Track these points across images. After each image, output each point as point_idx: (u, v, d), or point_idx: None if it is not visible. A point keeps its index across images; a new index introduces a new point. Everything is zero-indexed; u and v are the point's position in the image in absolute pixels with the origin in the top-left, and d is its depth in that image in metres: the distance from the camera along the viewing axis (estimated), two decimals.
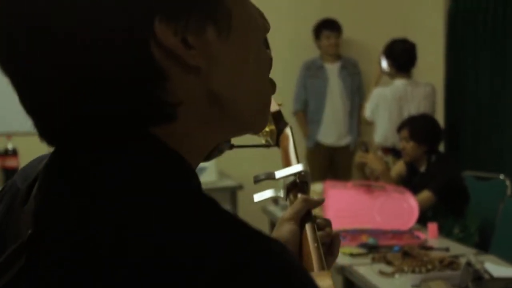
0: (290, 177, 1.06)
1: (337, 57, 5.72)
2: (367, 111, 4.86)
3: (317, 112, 5.67)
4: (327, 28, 5.61)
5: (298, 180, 1.07)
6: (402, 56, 4.67)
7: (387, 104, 4.69)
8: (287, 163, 1.07)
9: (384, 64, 4.74)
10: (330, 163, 5.72)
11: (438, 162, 3.77)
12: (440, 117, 5.24)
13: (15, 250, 0.59)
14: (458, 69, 5.65)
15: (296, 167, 1.06)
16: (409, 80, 4.71)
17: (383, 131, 4.69)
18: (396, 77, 4.74)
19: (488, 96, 5.26)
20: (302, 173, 1.06)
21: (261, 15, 0.71)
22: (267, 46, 0.77)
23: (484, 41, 5.30)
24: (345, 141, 5.65)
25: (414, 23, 5.91)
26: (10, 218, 0.67)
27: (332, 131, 5.66)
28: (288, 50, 5.93)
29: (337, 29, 5.65)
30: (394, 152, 4.48)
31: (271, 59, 0.74)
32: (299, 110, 5.77)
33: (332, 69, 5.68)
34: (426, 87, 4.76)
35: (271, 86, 0.75)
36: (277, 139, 1.13)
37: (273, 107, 1.09)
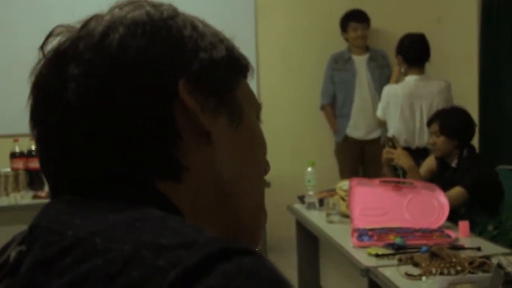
0: None
1: (365, 48, 5.60)
2: (379, 111, 4.72)
3: (345, 106, 5.56)
4: (354, 19, 5.51)
5: None
6: (411, 50, 4.50)
7: (398, 101, 4.53)
8: None
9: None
10: (360, 157, 5.61)
11: (470, 157, 3.63)
12: (474, 110, 5.05)
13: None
14: (493, 61, 5.46)
15: None
16: (421, 76, 4.52)
17: (395, 128, 4.53)
18: (409, 73, 4.56)
19: None
20: None
21: (256, 100, 0.78)
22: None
23: None
24: (374, 134, 5.51)
25: (446, 14, 5.75)
26: None
27: (361, 124, 5.53)
28: (316, 44, 5.84)
29: (365, 20, 5.53)
30: (407, 150, 4.30)
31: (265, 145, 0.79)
32: (327, 104, 5.67)
33: (360, 61, 5.56)
34: (440, 83, 4.56)
35: (266, 168, 0.79)
36: None
37: None
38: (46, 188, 4.54)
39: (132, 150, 0.66)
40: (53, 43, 0.71)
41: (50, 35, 0.71)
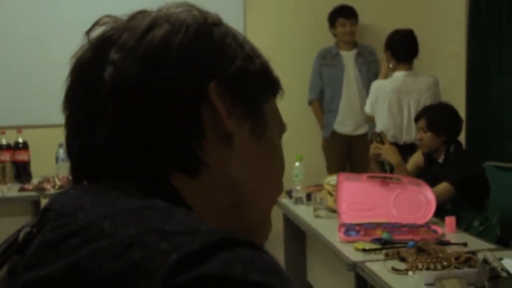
0: None
1: (353, 44, 5.60)
2: (367, 106, 4.72)
3: (333, 101, 5.56)
4: (342, 15, 5.51)
5: None
6: (399, 45, 4.50)
7: (386, 97, 4.52)
8: None
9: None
10: (347, 153, 5.61)
11: (456, 153, 3.64)
12: (461, 107, 5.06)
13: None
14: (481, 57, 5.46)
15: None
16: (410, 72, 4.52)
17: (383, 124, 4.53)
18: (397, 69, 4.56)
19: None
20: None
21: (282, 121, 0.81)
22: None
23: (508, 29, 5.11)
24: (362, 130, 5.51)
25: (435, 10, 5.75)
26: None
27: (348, 120, 5.54)
28: (304, 39, 5.83)
29: (353, 16, 5.53)
30: (394, 145, 4.30)
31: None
32: (314, 100, 5.67)
33: (348, 56, 5.56)
34: (428, 79, 4.57)
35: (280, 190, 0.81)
36: None
37: None
38: (33, 181, 4.52)
39: (156, 141, 0.68)
40: (98, 31, 0.74)
41: (96, 24, 0.74)
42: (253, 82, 0.74)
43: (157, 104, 0.68)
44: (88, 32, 0.74)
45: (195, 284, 0.53)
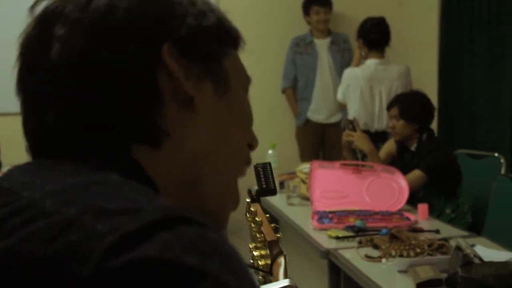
0: None
1: (327, 32, 5.60)
2: (339, 94, 4.71)
3: (307, 89, 5.56)
4: (316, 3, 5.50)
5: None
6: (371, 33, 4.50)
7: (358, 84, 4.52)
8: None
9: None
10: (321, 141, 5.63)
11: (429, 141, 3.65)
12: (433, 95, 5.09)
13: None
14: (452, 46, 5.50)
15: (283, 282, 1.03)
16: (381, 60, 4.52)
17: (355, 111, 4.53)
18: (369, 57, 4.57)
19: (483, 74, 5.11)
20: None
21: (246, 73, 0.79)
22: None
23: (479, 18, 5.15)
24: (335, 118, 5.52)
25: None
26: None
27: (322, 108, 5.54)
28: (278, 27, 5.81)
29: (327, 4, 5.53)
30: (366, 133, 4.30)
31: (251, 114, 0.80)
32: (288, 87, 5.67)
33: (322, 44, 5.56)
34: (399, 67, 4.57)
35: (253, 144, 0.80)
36: (271, 266, 1.10)
37: (271, 237, 1.11)
38: (3, 169, 4.45)
39: (112, 114, 0.66)
40: (42, 5, 0.71)
41: None
42: (209, 38, 0.71)
43: (109, 75, 0.65)
44: (32, 7, 0.71)
45: (129, 268, 0.50)
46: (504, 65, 4.81)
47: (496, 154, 4.03)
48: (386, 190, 3.39)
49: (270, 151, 4.00)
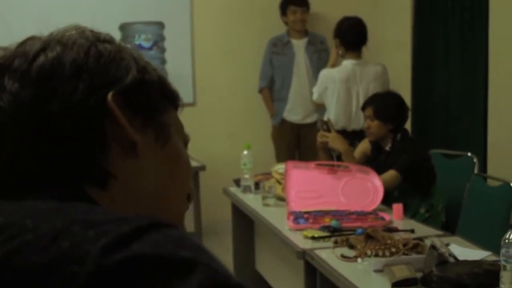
0: None
1: (304, 33, 5.61)
2: (314, 95, 4.71)
3: (283, 89, 5.57)
4: (293, 3, 5.51)
5: None
6: (348, 33, 4.50)
7: (336, 87, 4.52)
8: None
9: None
10: (297, 141, 5.63)
11: (403, 141, 3.67)
12: (407, 95, 5.12)
13: None
14: (426, 46, 5.53)
15: None
16: (358, 60, 4.53)
17: (334, 113, 4.54)
18: (346, 57, 4.58)
19: (457, 74, 5.15)
20: None
21: (185, 131, 0.83)
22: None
23: (453, 17, 5.18)
24: (311, 118, 5.52)
25: None
26: None
27: (298, 108, 5.55)
28: (255, 27, 5.81)
29: (304, 4, 5.54)
30: (344, 134, 4.31)
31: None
32: (264, 87, 5.66)
33: (299, 45, 5.57)
34: (376, 67, 4.58)
35: (191, 195, 0.83)
36: None
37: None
38: None
39: (61, 159, 0.69)
40: None
41: None
42: (151, 91, 0.75)
43: (57, 122, 0.68)
44: None
45: (127, 263, 0.54)
46: (477, 64, 4.84)
47: (469, 154, 4.06)
48: (361, 190, 3.40)
49: (245, 152, 4.00)
